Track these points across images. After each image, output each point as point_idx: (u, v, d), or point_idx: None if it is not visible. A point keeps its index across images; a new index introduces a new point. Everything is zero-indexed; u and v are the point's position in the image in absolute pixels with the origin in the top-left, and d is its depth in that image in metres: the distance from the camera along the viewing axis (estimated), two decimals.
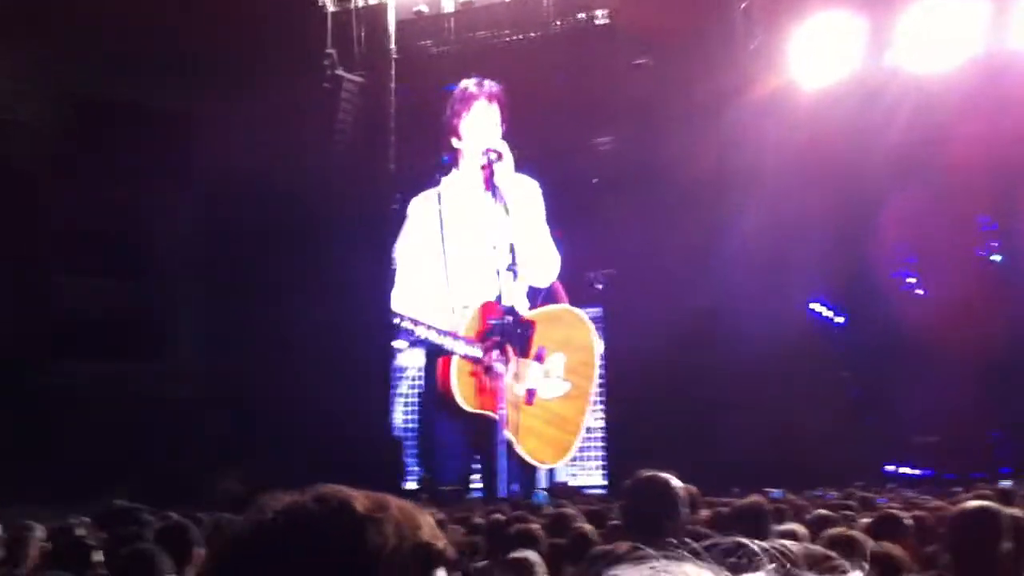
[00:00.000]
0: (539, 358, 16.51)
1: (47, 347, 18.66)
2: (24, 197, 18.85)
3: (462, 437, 16.34)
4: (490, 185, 16.17)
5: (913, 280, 19.18)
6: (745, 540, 1.17)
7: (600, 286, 18.25)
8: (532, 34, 20.18)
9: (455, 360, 16.06)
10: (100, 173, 19.17)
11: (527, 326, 16.45)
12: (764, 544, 1.17)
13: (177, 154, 19.91)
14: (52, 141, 19.83)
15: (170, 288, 20.49)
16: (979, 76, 17.75)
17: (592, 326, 17.36)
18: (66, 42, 19.60)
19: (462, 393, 16.02)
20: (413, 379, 19.33)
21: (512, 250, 15.84)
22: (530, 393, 16.24)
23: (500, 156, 16.23)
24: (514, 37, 20.18)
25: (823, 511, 8.31)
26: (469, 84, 17.41)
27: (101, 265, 19.25)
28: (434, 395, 16.66)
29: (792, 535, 5.72)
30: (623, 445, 17.39)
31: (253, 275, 18.98)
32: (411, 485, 18.07)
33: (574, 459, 17.71)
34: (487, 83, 17.35)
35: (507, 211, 16.07)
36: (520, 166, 16.72)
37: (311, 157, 20.21)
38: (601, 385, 17.81)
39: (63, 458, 16.57)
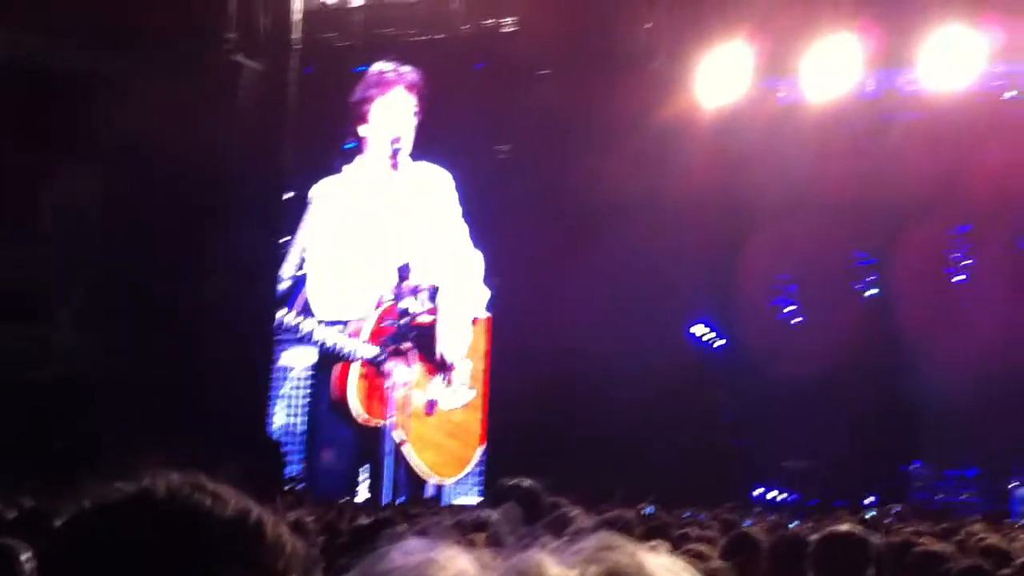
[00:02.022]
0: (443, 368, 16.20)
1: None
2: None
3: (351, 444, 16.05)
4: (397, 173, 15.84)
5: (792, 308, 19.70)
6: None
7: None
8: (439, 35, 20.11)
9: (353, 367, 15.77)
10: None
11: (429, 331, 16.18)
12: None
13: (73, 118, 19.33)
14: None
15: (54, 256, 19.86)
16: (864, 112, 18.32)
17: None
18: None
19: (355, 401, 15.76)
20: (300, 380, 18.86)
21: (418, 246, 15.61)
22: (431, 404, 16.00)
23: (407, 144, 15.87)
24: (421, 37, 20.09)
25: (686, 530, 8.50)
26: (385, 68, 17.16)
27: None
28: (326, 400, 16.35)
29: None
30: (503, 460, 17.29)
31: (141, 250, 18.51)
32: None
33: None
34: (404, 69, 17.09)
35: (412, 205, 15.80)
36: (432, 157, 16.62)
37: (209, 136, 19.81)
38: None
39: None
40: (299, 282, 17.27)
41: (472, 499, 17.18)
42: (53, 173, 19.80)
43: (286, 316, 16.10)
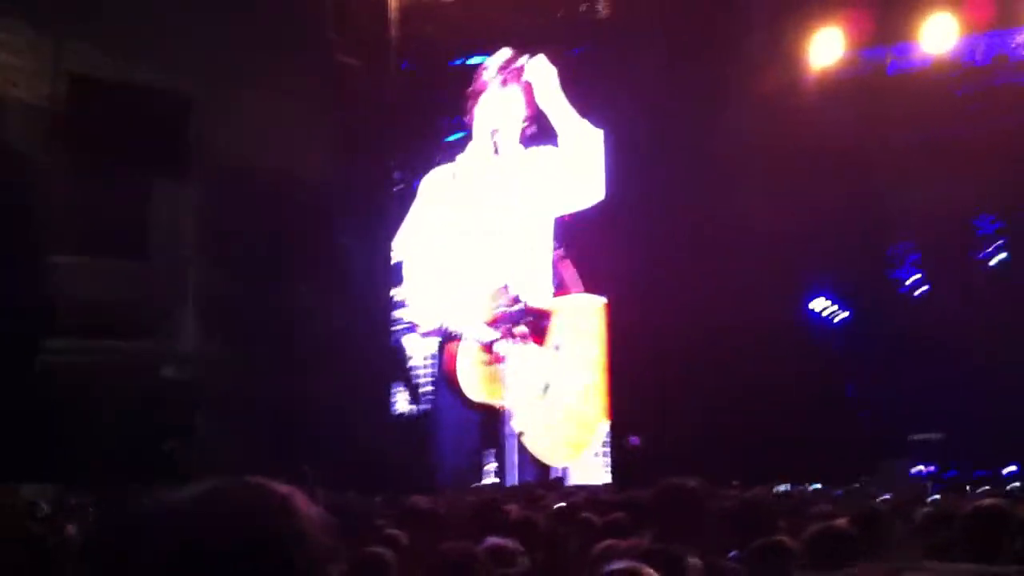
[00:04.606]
0: (556, 348, 16.22)
1: (42, 326, 18.48)
2: (19, 174, 18.65)
3: (471, 427, 16.10)
4: (502, 161, 15.92)
5: (916, 277, 19.18)
6: None
7: None
8: (534, 24, 20.01)
9: (463, 347, 15.83)
10: (98, 153, 18.98)
11: (543, 315, 16.18)
12: None
13: (177, 137, 19.71)
14: (49, 119, 19.64)
15: (169, 271, 20.30)
16: (976, 77, 17.81)
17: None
18: (65, 20, 19.43)
19: (469, 382, 15.80)
20: (422, 365, 18.86)
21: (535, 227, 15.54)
22: (546, 386, 15.98)
23: (528, 128, 15.90)
24: (516, 25, 20.00)
25: (821, 507, 8.28)
26: (491, 64, 17.28)
27: (98, 246, 19.04)
28: (442, 382, 16.45)
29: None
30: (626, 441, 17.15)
31: (254, 259, 18.82)
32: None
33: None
34: (513, 62, 17.20)
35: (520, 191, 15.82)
36: (541, 140, 16.64)
37: (312, 141, 20.07)
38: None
39: (58, 437, 16.44)
40: (404, 271, 17.37)
41: (601, 478, 17.09)
42: (158, 188, 20.22)
43: (400, 301, 16.18)
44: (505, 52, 18.03)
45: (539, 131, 17.43)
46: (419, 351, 18.20)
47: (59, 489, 13.80)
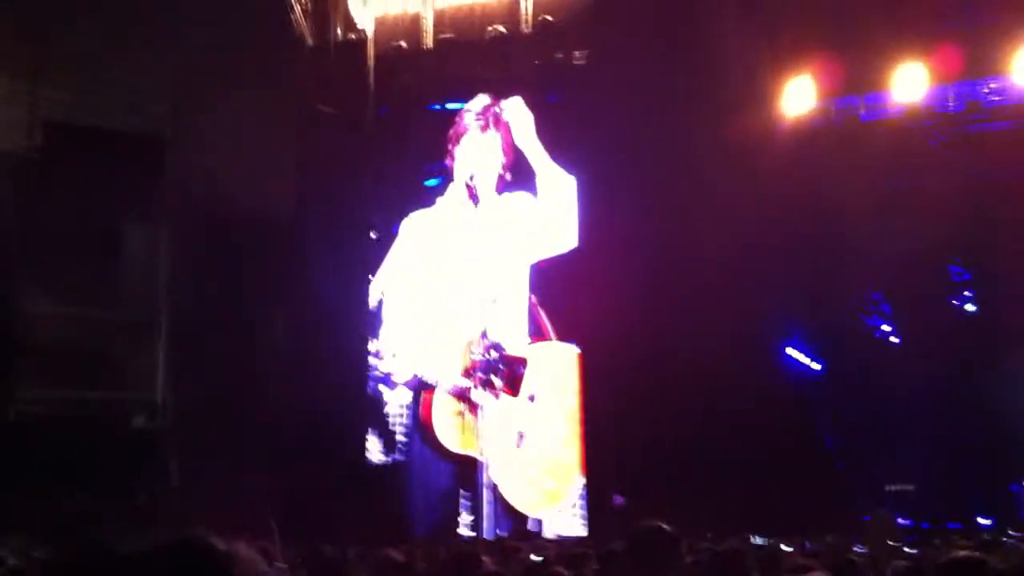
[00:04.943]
0: (531, 399, 16.17)
1: (13, 374, 18.31)
2: None
3: (446, 477, 16.00)
4: (479, 207, 16.00)
5: (888, 328, 19.23)
6: None
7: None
8: (511, 71, 20.13)
9: (438, 397, 15.76)
10: (70, 199, 18.92)
11: (518, 363, 16.15)
12: None
13: (148, 181, 19.70)
14: (23, 166, 19.58)
15: (139, 317, 20.17)
16: (949, 125, 18.02)
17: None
18: (40, 69, 19.44)
19: (444, 432, 15.72)
20: (397, 413, 18.61)
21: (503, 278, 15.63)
22: (520, 436, 15.92)
23: (506, 174, 16.02)
24: (493, 73, 20.12)
25: (797, 560, 8.21)
26: (473, 107, 17.40)
27: (70, 295, 18.92)
28: (416, 431, 16.37)
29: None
30: (601, 488, 16.99)
31: (228, 303, 18.72)
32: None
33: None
34: (495, 104, 17.34)
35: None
36: (518, 186, 16.69)
37: (287, 187, 20.08)
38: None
39: (27, 484, 16.23)
40: (380, 317, 17.34)
41: (575, 530, 16.87)
42: (132, 232, 20.16)
43: (375, 351, 16.14)
44: (484, 98, 18.19)
45: (516, 177, 17.49)
46: (394, 399, 18.07)
47: (26, 541, 13.57)
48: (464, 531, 16.07)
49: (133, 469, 18.10)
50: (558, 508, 16.76)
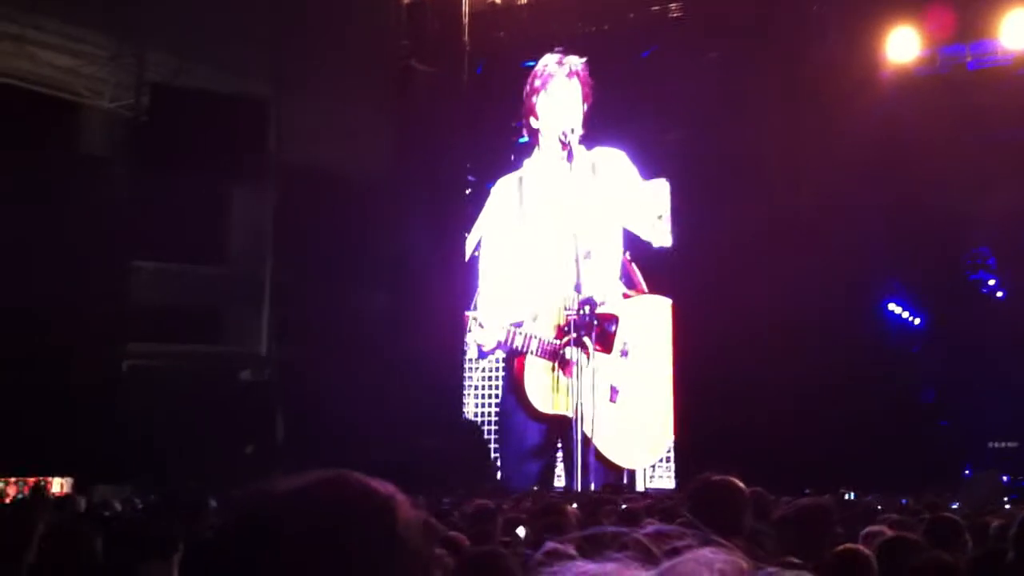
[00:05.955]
0: (623, 354, 16.19)
1: (123, 330, 18.97)
2: (102, 182, 19.18)
3: (539, 436, 16.16)
4: (572, 163, 15.94)
5: (993, 282, 18.75)
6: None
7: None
8: (605, 25, 20.03)
9: (529, 359, 15.89)
10: (177, 159, 19.44)
11: (609, 320, 16.16)
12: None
13: (252, 142, 20.12)
14: (130, 127, 20.17)
15: (246, 276, 20.71)
16: None
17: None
18: (147, 31, 19.94)
19: (537, 394, 15.86)
20: (489, 370, 19.01)
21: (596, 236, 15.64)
22: (613, 391, 15.97)
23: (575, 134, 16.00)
24: (588, 28, 20.04)
25: (893, 515, 8.14)
26: (549, 61, 17.41)
27: (177, 252, 19.48)
28: (510, 393, 16.55)
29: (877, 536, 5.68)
30: (693, 444, 16.92)
31: (329, 262, 19.10)
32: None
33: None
34: (568, 59, 17.30)
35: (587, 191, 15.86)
36: (604, 140, 16.62)
37: (385, 146, 20.31)
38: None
39: (134, 437, 16.85)
40: (474, 278, 17.51)
41: (667, 484, 16.93)
42: (234, 193, 20.63)
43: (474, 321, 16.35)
44: (555, 55, 18.14)
45: (595, 131, 17.41)
46: (489, 360, 18.32)
47: (137, 489, 14.18)
48: (559, 485, 16.25)
49: (241, 422, 18.66)
50: (654, 460, 16.83)
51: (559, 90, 17.25)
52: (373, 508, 1.29)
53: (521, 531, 6.77)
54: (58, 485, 16.75)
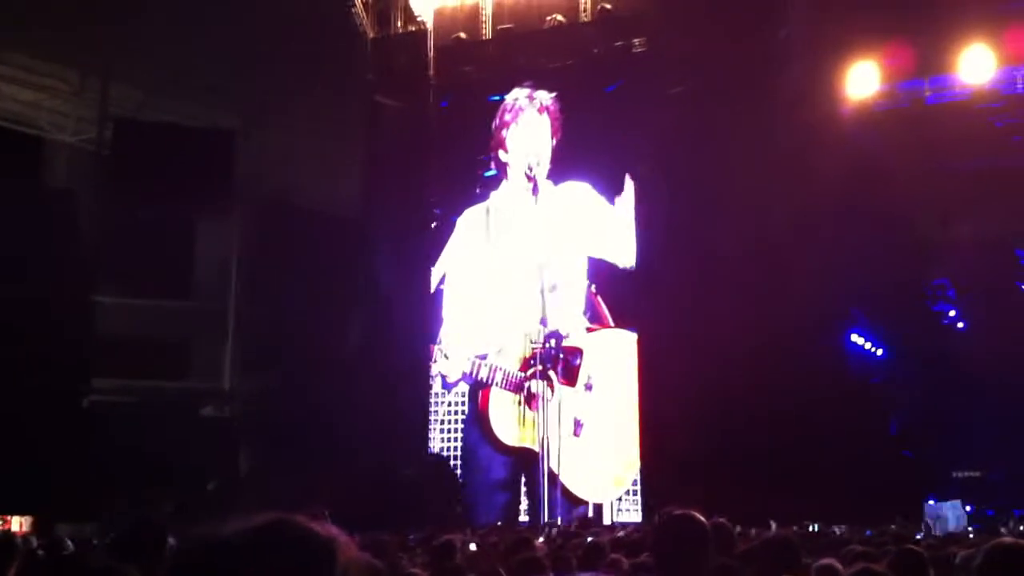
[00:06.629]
0: (588, 388, 16.19)
1: (86, 365, 18.76)
2: (66, 217, 19.02)
3: (504, 470, 16.11)
4: (538, 196, 16.00)
5: (953, 313, 18.95)
6: None
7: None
8: (570, 61, 20.13)
9: (494, 392, 15.85)
10: (141, 193, 19.34)
11: (574, 353, 16.16)
12: None
13: (218, 175, 20.05)
14: (94, 161, 20.07)
15: (211, 310, 20.57)
16: (1017, 108, 17.66)
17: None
18: (110, 65, 19.89)
19: (502, 426, 15.81)
20: (454, 403, 18.68)
21: (560, 268, 15.66)
22: (577, 424, 15.95)
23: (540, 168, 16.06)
24: (553, 62, 20.13)
25: (857, 547, 8.16)
26: (520, 95, 17.47)
27: (142, 286, 19.33)
28: (474, 425, 16.50)
29: (830, 570, 5.65)
30: (659, 476, 16.89)
31: (293, 296, 19.02)
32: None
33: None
34: (539, 94, 17.37)
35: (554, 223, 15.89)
36: (570, 173, 16.68)
37: (351, 179, 20.33)
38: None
39: (101, 473, 16.64)
40: (439, 310, 17.49)
41: (634, 517, 16.86)
42: (199, 226, 20.54)
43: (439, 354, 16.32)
44: (525, 89, 18.26)
45: (564, 164, 17.49)
46: (454, 393, 18.21)
47: (98, 528, 13.98)
48: (524, 519, 16.18)
49: (203, 456, 18.48)
50: (619, 493, 16.80)
51: (528, 124, 17.33)
52: (313, 551, 1.36)
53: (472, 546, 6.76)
54: (17, 524, 16.48)
